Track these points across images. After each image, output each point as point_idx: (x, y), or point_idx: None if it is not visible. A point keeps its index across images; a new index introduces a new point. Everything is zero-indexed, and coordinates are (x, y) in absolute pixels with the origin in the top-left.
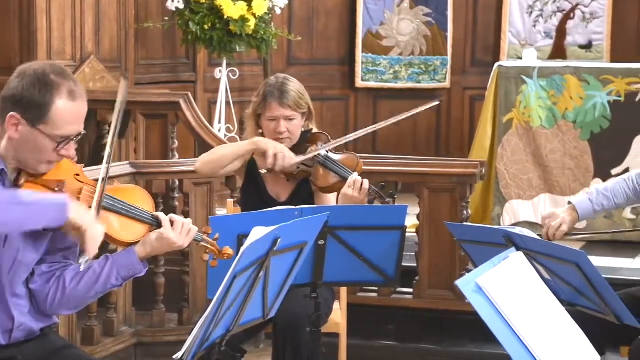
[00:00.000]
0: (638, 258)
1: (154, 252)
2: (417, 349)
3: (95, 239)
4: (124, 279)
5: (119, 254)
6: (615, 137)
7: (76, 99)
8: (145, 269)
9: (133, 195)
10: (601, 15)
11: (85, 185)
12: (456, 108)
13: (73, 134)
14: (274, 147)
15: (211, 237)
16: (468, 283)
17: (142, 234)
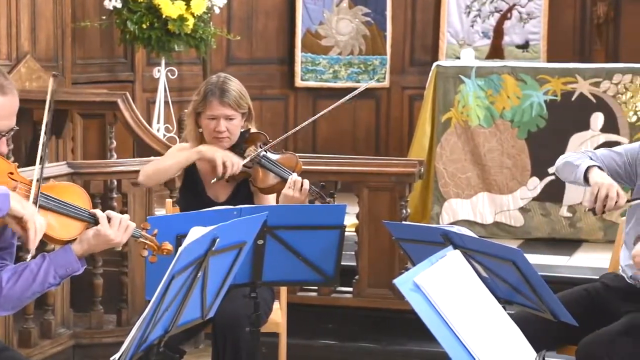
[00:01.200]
0: (574, 256)
1: (92, 250)
2: (357, 348)
3: (38, 230)
4: (62, 277)
5: (55, 252)
6: (552, 136)
7: (6, 94)
8: (83, 267)
9: (68, 193)
10: (537, 15)
11: (19, 183)
12: (395, 108)
13: (4, 130)
14: (221, 156)
15: (149, 232)
16: (406, 282)
17: (78, 231)
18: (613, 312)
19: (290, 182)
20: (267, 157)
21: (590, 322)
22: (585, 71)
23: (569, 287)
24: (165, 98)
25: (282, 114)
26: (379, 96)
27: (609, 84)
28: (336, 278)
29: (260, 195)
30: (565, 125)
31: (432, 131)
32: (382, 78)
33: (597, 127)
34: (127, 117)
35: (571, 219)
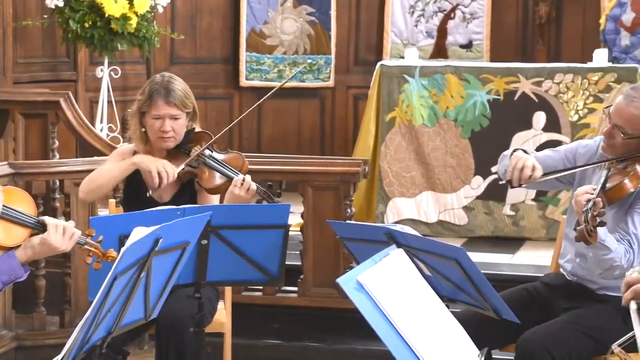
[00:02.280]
0: (517, 254)
1: (36, 256)
2: (302, 347)
3: None
4: (5, 283)
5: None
6: (495, 135)
7: None
8: (26, 273)
9: (14, 198)
10: (481, 15)
11: None
12: (340, 107)
13: None
14: (157, 167)
15: (94, 239)
16: (349, 281)
17: (23, 237)
18: (554, 309)
19: (236, 181)
20: (213, 156)
21: (532, 319)
22: (527, 71)
23: (512, 284)
24: (108, 97)
25: (227, 113)
26: (323, 96)
27: (551, 83)
28: (280, 277)
29: (205, 194)
30: (508, 125)
31: (377, 130)
32: (327, 78)
33: (539, 126)
34: (69, 117)
35: (514, 218)
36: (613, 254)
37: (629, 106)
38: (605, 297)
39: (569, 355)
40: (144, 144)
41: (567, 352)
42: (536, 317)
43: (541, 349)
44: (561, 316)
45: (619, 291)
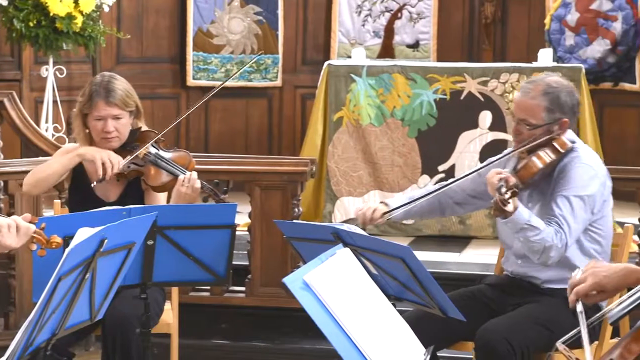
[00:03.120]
0: (464, 252)
1: None
2: (250, 347)
3: None
4: None
5: None
6: (442, 135)
7: None
8: None
9: None
10: (427, 15)
11: None
12: (288, 107)
13: None
14: (101, 157)
15: (37, 226)
16: (295, 280)
17: None
18: (502, 306)
19: (182, 179)
20: (160, 155)
21: (480, 318)
22: (473, 70)
23: (459, 283)
24: (53, 97)
25: (174, 113)
26: (271, 95)
27: (497, 82)
28: (227, 277)
29: (151, 194)
30: (455, 124)
31: (324, 130)
32: (275, 77)
33: (485, 126)
34: (14, 117)
35: (461, 216)
36: (543, 234)
37: (526, 97)
38: (551, 290)
39: (527, 346)
40: (88, 145)
41: (525, 343)
42: (484, 315)
43: (501, 339)
44: (514, 311)
45: (562, 283)
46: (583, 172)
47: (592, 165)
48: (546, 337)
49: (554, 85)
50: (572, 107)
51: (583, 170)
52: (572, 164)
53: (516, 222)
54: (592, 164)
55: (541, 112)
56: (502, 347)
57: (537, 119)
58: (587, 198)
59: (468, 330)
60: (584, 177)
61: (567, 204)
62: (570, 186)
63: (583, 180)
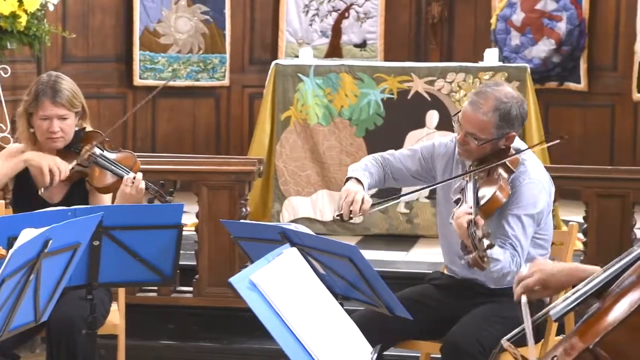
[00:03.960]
0: (412, 251)
1: None
2: (197, 348)
3: None
4: None
5: None
6: (389, 134)
7: None
8: None
9: None
10: (374, 15)
11: None
12: (235, 106)
13: None
14: (48, 164)
15: None
16: (242, 280)
17: None
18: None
19: (127, 180)
20: (104, 155)
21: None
22: (420, 70)
23: (407, 281)
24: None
25: (121, 113)
26: (219, 95)
27: (443, 82)
28: (174, 278)
29: (96, 194)
30: (402, 123)
31: (272, 129)
32: (222, 77)
33: (432, 125)
34: None
35: (408, 215)
36: (502, 263)
37: (477, 113)
38: (503, 290)
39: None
40: (32, 145)
41: (495, 343)
42: (431, 314)
43: (472, 341)
44: (477, 311)
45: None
46: (532, 188)
47: (540, 179)
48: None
49: (504, 100)
50: (521, 120)
51: (532, 187)
52: (522, 182)
53: None
54: (539, 178)
55: (491, 128)
56: (473, 349)
57: (486, 135)
58: (536, 215)
59: (415, 329)
60: (534, 194)
61: (519, 224)
62: (521, 205)
63: (533, 197)
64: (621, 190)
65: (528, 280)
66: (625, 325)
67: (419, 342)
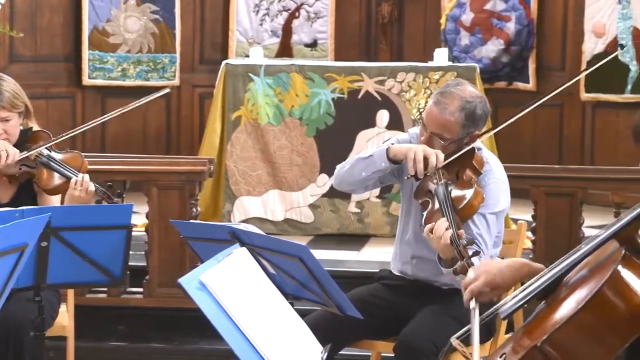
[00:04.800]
0: (363, 250)
1: None
2: (148, 349)
3: None
4: None
5: None
6: (340, 134)
7: None
8: None
9: None
10: (325, 15)
11: None
12: (186, 106)
13: None
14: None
15: None
16: (191, 280)
17: None
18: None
19: (74, 181)
20: (51, 156)
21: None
22: (370, 70)
23: (358, 281)
24: None
25: (70, 113)
26: (169, 94)
27: (394, 82)
28: (123, 278)
29: (44, 196)
30: (353, 123)
31: (222, 129)
32: (172, 76)
33: (382, 124)
34: None
35: (359, 215)
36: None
37: (443, 113)
38: (454, 290)
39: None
40: None
41: (447, 342)
42: (382, 313)
43: (426, 341)
44: (429, 311)
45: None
46: (496, 188)
47: (502, 179)
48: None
49: (469, 100)
50: (485, 119)
51: (496, 187)
52: (487, 180)
53: None
54: (502, 177)
55: (457, 127)
56: (427, 348)
57: (452, 134)
58: (500, 213)
59: (367, 328)
60: (498, 193)
61: (484, 222)
62: (487, 204)
63: (497, 197)
64: (569, 189)
65: (475, 284)
66: (572, 323)
67: (371, 341)
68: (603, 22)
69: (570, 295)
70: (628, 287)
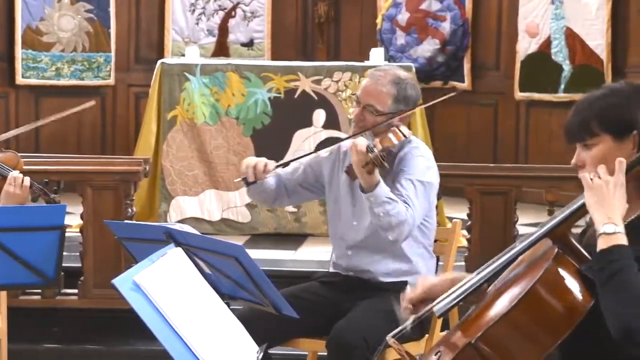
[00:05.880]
0: (300, 250)
1: None
2: (83, 350)
3: None
4: None
5: None
6: (276, 133)
7: None
8: None
9: None
10: (261, 14)
11: None
12: (121, 105)
13: None
14: None
15: None
16: (125, 281)
17: None
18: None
19: (10, 178)
20: None
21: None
22: (307, 69)
23: (295, 280)
24: None
25: (3, 112)
26: (104, 94)
27: (330, 81)
28: (57, 280)
29: None
30: (289, 122)
31: (158, 129)
32: (107, 76)
33: (319, 124)
34: None
35: (296, 214)
36: (399, 207)
37: (377, 84)
38: (389, 284)
39: (380, 341)
40: None
41: (379, 338)
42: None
43: (357, 337)
44: (362, 307)
45: (397, 276)
46: (422, 161)
47: (429, 157)
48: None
49: (402, 77)
50: (415, 100)
51: (422, 160)
52: (411, 154)
53: (379, 195)
54: (428, 157)
55: (389, 99)
56: (358, 343)
57: (383, 106)
58: (427, 184)
59: (303, 327)
60: (426, 165)
61: (412, 186)
62: (412, 172)
63: (423, 168)
64: (503, 187)
65: (412, 294)
66: (505, 321)
67: (305, 340)
68: (536, 22)
69: (504, 293)
70: (560, 285)
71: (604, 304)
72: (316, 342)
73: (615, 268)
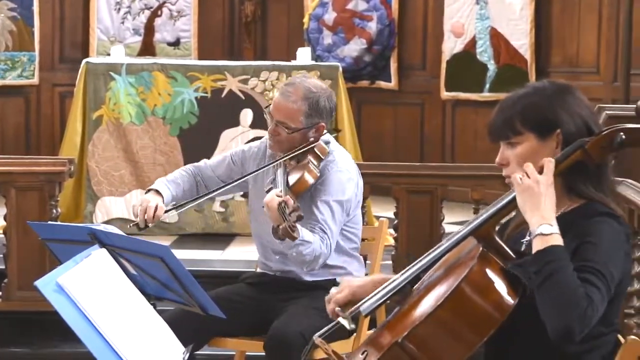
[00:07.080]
0: (227, 250)
1: None
2: (8, 354)
3: None
4: None
5: None
6: (204, 133)
7: None
8: None
9: None
10: (188, 13)
11: None
12: (46, 105)
13: None
14: None
15: None
16: (48, 283)
17: None
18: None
19: None
20: None
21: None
22: (234, 69)
23: (222, 280)
24: None
25: None
26: (28, 94)
27: (257, 81)
28: None
29: None
30: (216, 122)
31: (84, 129)
32: (32, 75)
33: (246, 123)
34: None
35: (224, 214)
36: (313, 246)
37: (287, 101)
38: (317, 283)
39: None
40: None
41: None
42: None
43: (295, 334)
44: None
45: (325, 275)
46: (340, 177)
47: (348, 169)
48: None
49: (313, 90)
50: (330, 111)
51: (340, 175)
52: (330, 170)
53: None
54: (347, 168)
55: (300, 116)
56: (297, 341)
57: (296, 123)
58: (345, 202)
59: (232, 327)
60: (342, 182)
61: (328, 209)
62: (330, 191)
63: (341, 185)
64: (430, 186)
65: (338, 296)
66: (431, 320)
67: (234, 340)
68: (462, 22)
69: (430, 292)
70: (485, 284)
71: (541, 305)
72: (246, 342)
73: (552, 269)
